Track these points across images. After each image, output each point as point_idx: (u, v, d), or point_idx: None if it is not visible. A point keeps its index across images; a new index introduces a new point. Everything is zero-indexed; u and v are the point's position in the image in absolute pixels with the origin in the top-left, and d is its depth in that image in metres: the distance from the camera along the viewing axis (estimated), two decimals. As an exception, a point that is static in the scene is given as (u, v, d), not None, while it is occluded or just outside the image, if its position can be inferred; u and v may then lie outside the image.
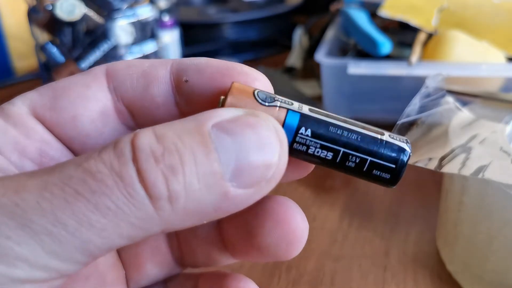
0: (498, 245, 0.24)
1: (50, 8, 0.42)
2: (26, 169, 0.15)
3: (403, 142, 0.15)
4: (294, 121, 0.14)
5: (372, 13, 0.52)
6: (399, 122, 0.27)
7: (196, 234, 0.19)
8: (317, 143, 0.15)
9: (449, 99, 0.29)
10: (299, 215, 0.16)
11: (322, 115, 0.15)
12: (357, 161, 0.15)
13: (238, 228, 0.17)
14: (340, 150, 0.15)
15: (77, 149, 0.16)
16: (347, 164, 0.15)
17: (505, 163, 0.23)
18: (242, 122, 0.13)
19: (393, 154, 0.15)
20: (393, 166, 0.15)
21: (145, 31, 0.47)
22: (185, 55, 0.60)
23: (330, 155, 0.15)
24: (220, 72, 0.16)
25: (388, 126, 0.28)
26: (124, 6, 0.44)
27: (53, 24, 0.43)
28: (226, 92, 0.15)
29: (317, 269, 0.29)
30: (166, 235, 0.19)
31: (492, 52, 0.44)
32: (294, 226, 0.16)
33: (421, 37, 0.46)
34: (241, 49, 0.66)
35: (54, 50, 0.43)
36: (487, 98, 0.31)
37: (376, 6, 0.51)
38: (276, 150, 0.13)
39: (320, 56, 0.45)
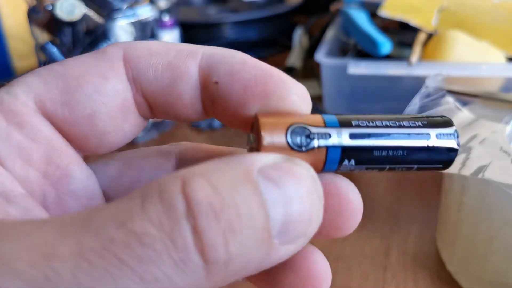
0: (498, 245, 0.24)
1: (50, 8, 0.42)
2: (30, 181, 0.13)
3: (451, 137, 0.14)
4: (336, 155, 0.13)
5: (372, 13, 0.52)
6: (399, 122, 0.27)
7: None
8: (362, 167, 0.14)
9: (449, 99, 0.29)
10: (324, 268, 0.15)
11: (365, 138, 0.13)
12: (404, 169, 0.14)
13: (267, 278, 0.16)
14: (386, 167, 0.14)
15: (91, 148, 0.15)
16: (395, 171, 0.15)
17: (505, 163, 0.23)
18: (286, 171, 0.12)
19: (441, 157, 0.14)
20: (441, 165, 0.14)
21: (145, 31, 0.47)
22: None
23: (376, 170, 0.14)
24: (255, 79, 0.14)
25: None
26: (124, 6, 0.44)
27: (53, 24, 0.43)
28: (253, 126, 0.14)
29: (317, 269, 0.29)
30: None
31: (492, 52, 0.44)
32: (318, 280, 0.15)
33: (421, 37, 0.46)
34: (241, 49, 0.64)
35: (54, 50, 0.43)
36: (487, 98, 0.31)
37: (376, 6, 0.51)
38: (316, 204, 0.12)
39: (320, 56, 0.45)
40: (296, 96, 0.14)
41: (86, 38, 0.44)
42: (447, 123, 0.14)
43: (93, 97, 0.14)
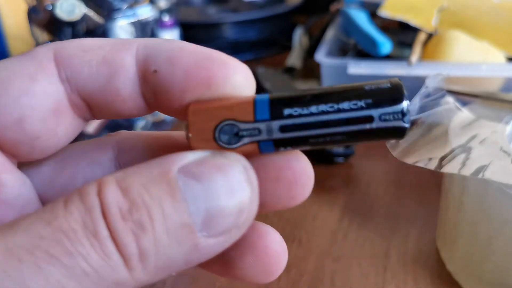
0: (498, 245, 0.24)
1: (50, 8, 0.41)
2: None
3: (397, 116, 0.13)
4: (269, 147, 0.13)
5: (372, 13, 0.52)
6: (399, 122, 0.27)
7: None
8: (302, 149, 0.14)
9: (449, 99, 0.29)
10: (280, 246, 0.15)
11: (297, 130, 0.13)
12: (351, 144, 0.14)
13: (221, 259, 0.16)
14: (332, 147, 0.14)
15: (23, 154, 0.14)
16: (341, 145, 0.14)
17: (505, 163, 0.23)
18: (210, 165, 0.12)
19: (389, 134, 0.13)
20: (393, 139, 0.14)
21: (145, 31, 0.47)
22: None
23: (320, 147, 0.14)
24: (197, 64, 0.13)
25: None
26: (124, 6, 0.44)
27: (53, 24, 0.43)
28: (187, 116, 0.13)
29: (317, 269, 0.29)
30: None
31: (492, 52, 0.44)
32: (275, 258, 0.15)
33: (421, 37, 0.46)
34: (241, 49, 0.66)
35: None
36: (487, 98, 0.31)
37: (376, 6, 0.51)
38: (247, 194, 0.12)
39: (320, 56, 0.45)
40: (239, 75, 0.14)
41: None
42: (395, 98, 0.13)
43: (20, 100, 0.13)
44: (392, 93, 0.13)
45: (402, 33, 0.50)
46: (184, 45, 0.14)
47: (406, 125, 0.13)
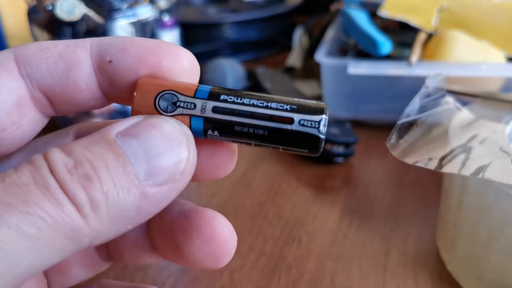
0: (498, 245, 0.24)
1: (50, 8, 0.41)
2: None
3: (314, 125, 0.14)
4: (199, 126, 0.15)
5: (372, 13, 0.52)
6: (399, 122, 0.27)
7: (124, 236, 0.18)
8: (228, 139, 0.15)
9: (449, 99, 0.29)
10: (227, 230, 0.16)
11: (227, 113, 0.14)
12: (271, 147, 0.15)
13: (166, 239, 0.17)
14: (251, 143, 0.15)
15: None
16: (263, 147, 0.15)
17: (505, 163, 0.23)
18: (145, 124, 0.13)
19: (304, 142, 0.15)
20: (306, 150, 0.15)
21: (145, 31, 0.47)
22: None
23: (245, 143, 0.15)
24: (147, 50, 0.15)
25: (388, 126, 0.28)
26: (124, 6, 0.44)
27: (53, 24, 0.43)
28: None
29: (317, 269, 0.29)
30: None
31: (492, 52, 0.44)
32: (222, 243, 0.16)
33: (421, 37, 0.46)
34: (241, 49, 0.66)
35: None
36: (487, 98, 0.31)
37: (376, 6, 0.51)
38: (183, 143, 0.14)
39: (320, 56, 0.45)
40: (186, 60, 0.15)
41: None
42: (317, 111, 0.15)
43: None
44: (315, 107, 0.15)
45: (402, 33, 0.50)
46: (135, 38, 0.16)
47: (321, 136, 0.14)
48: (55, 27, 0.43)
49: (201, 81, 0.16)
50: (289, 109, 0.14)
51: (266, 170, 0.40)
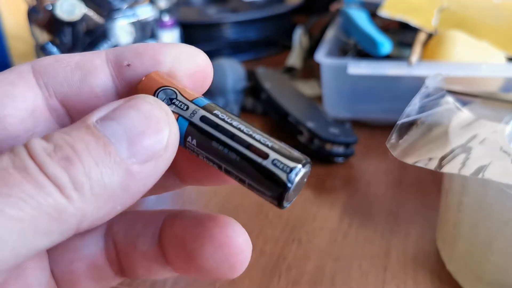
0: (498, 245, 0.24)
1: (50, 8, 0.41)
2: None
3: (285, 169, 0.14)
4: (182, 128, 0.15)
5: (372, 13, 0.52)
6: (399, 122, 0.27)
7: (136, 248, 0.18)
8: (202, 153, 0.15)
9: (449, 99, 0.29)
10: (241, 237, 0.16)
11: (211, 126, 0.14)
12: (238, 178, 0.14)
13: (178, 249, 0.17)
14: (222, 166, 0.15)
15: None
16: (232, 177, 0.15)
17: (505, 163, 0.23)
18: (123, 106, 0.14)
19: (270, 183, 0.14)
20: (270, 194, 0.14)
21: (145, 31, 0.47)
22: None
23: (215, 166, 0.15)
24: (162, 53, 0.16)
25: (388, 126, 0.28)
26: (124, 6, 0.44)
27: (53, 24, 0.43)
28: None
29: (317, 269, 0.29)
30: (104, 251, 0.18)
31: (492, 52, 0.44)
32: (236, 249, 0.16)
33: (421, 37, 0.46)
34: (241, 49, 0.66)
35: (54, 50, 0.43)
36: (487, 98, 0.31)
37: (376, 6, 0.51)
38: (163, 119, 0.14)
39: (320, 56, 0.45)
40: (200, 59, 0.16)
41: (86, 38, 0.44)
42: (296, 159, 0.14)
43: (4, 100, 0.15)
44: (296, 156, 0.14)
45: (402, 33, 0.50)
46: (148, 43, 0.16)
47: (289, 184, 0.14)
48: (55, 27, 0.43)
49: None
50: (269, 145, 0.14)
51: (266, 170, 0.40)
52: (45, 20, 0.43)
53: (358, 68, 0.42)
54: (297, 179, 0.14)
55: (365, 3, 0.56)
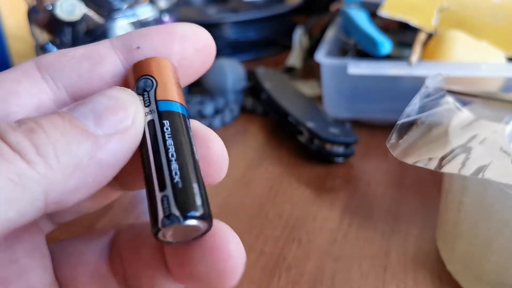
0: (498, 245, 0.24)
1: (50, 8, 0.41)
2: None
3: (164, 213, 0.13)
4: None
5: (372, 13, 0.52)
6: (399, 122, 0.27)
7: (140, 257, 0.17)
8: (139, 152, 0.15)
9: (449, 99, 0.29)
10: (233, 244, 0.15)
11: (150, 133, 0.14)
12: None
13: (174, 253, 0.16)
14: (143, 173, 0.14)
15: None
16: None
17: (505, 163, 0.23)
18: (92, 95, 0.14)
19: (151, 213, 0.13)
20: (151, 222, 0.14)
21: (145, 31, 0.47)
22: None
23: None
24: (170, 33, 0.16)
25: (388, 126, 0.28)
26: (124, 6, 0.44)
27: (53, 24, 0.43)
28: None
29: (317, 269, 0.29)
30: (108, 260, 0.18)
31: (492, 52, 0.44)
32: (225, 255, 0.15)
33: (421, 37, 0.46)
34: (241, 49, 0.66)
35: (54, 50, 0.43)
36: (487, 98, 0.31)
37: (376, 6, 0.51)
38: (129, 100, 0.14)
39: (320, 56, 0.45)
40: (206, 34, 0.16)
41: (86, 38, 0.44)
42: (185, 207, 0.13)
43: (8, 98, 0.15)
44: (189, 205, 0.13)
45: (402, 33, 0.50)
46: (153, 26, 0.16)
47: (160, 225, 0.13)
48: (55, 27, 0.43)
49: (201, 80, 0.16)
50: (175, 180, 0.13)
51: (266, 170, 0.40)
52: (45, 20, 0.43)
53: (358, 68, 0.42)
54: (172, 227, 0.13)
55: (365, 3, 0.56)
